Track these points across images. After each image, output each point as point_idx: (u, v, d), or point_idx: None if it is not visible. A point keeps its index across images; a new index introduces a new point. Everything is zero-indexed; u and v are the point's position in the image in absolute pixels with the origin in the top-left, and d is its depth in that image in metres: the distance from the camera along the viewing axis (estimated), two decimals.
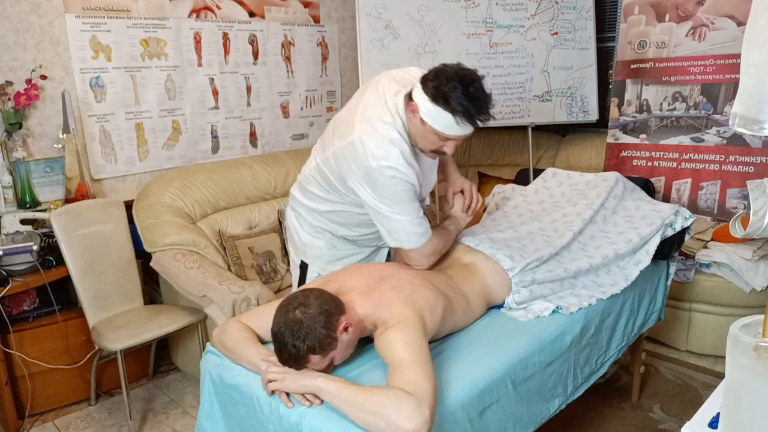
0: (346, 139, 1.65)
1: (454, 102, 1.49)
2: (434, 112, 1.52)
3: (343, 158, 1.66)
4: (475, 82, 1.52)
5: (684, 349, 2.98)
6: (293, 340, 1.30)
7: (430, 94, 1.52)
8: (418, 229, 1.67)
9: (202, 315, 2.53)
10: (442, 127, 1.54)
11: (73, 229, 2.47)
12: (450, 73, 1.52)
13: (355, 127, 1.64)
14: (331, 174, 1.74)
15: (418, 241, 1.68)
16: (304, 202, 1.91)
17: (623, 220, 2.12)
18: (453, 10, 3.55)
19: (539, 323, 1.72)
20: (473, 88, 1.51)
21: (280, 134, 3.72)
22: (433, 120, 1.54)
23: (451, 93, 1.49)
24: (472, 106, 1.51)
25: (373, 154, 1.58)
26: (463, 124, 1.53)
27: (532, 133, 3.87)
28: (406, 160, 1.60)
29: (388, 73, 1.75)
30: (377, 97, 1.67)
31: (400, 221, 1.65)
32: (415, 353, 1.31)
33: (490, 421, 1.47)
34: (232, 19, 3.36)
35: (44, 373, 2.54)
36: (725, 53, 3.23)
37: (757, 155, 3.15)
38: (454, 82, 1.49)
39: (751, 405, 0.94)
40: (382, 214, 1.66)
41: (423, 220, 1.69)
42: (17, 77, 2.62)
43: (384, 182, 1.60)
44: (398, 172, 1.59)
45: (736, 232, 1.52)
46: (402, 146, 1.60)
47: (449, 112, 1.51)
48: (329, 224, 1.89)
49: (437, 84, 1.51)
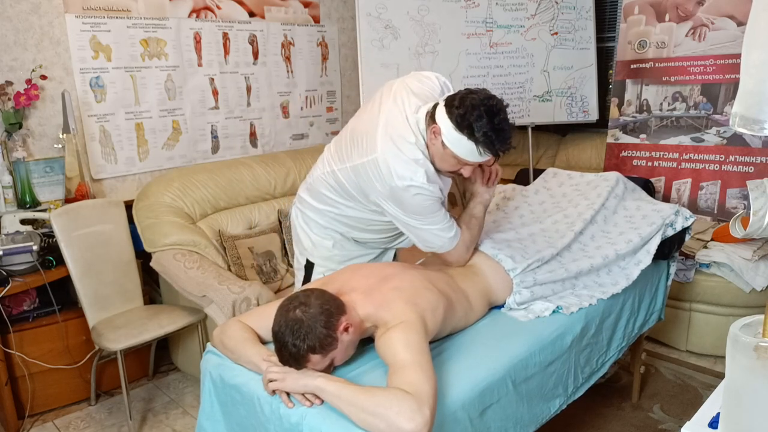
0: (368, 156, 1.65)
1: (478, 132, 1.50)
2: (457, 139, 1.53)
3: (366, 175, 1.66)
4: (500, 112, 1.53)
5: (684, 349, 2.98)
6: (293, 339, 1.30)
7: (455, 121, 1.52)
8: (448, 233, 1.70)
9: (202, 315, 2.53)
10: (463, 154, 1.56)
11: (73, 229, 2.47)
12: (476, 102, 1.52)
13: (378, 145, 1.63)
14: (350, 185, 1.74)
15: (450, 244, 1.72)
16: (313, 204, 1.90)
17: (624, 220, 2.12)
18: (453, 10, 3.55)
19: (540, 323, 1.72)
20: (498, 119, 1.51)
21: (280, 134, 3.72)
22: (455, 146, 1.55)
23: (476, 123, 1.50)
24: (495, 137, 1.52)
25: (398, 175, 1.59)
26: (486, 154, 1.55)
27: (532, 133, 3.87)
28: (429, 179, 1.61)
29: (404, 81, 1.74)
30: (399, 112, 1.66)
31: (431, 230, 1.69)
32: (416, 354, 1.31)
33: (491, 421, 1.47)
34: (232, 19, 3.36)
35: (44, 373, 2.54)
36: (725, 53, 3.23)
37: (757, 155, 3.15)
38: (480, 111, 1.50)
39: (751, 405, 0.94)
40: (411, 226, 1.70)
41: (452, 223, 1.72)
42: (17, 77, 2.62)
43: (409, 200, 1.62)
44: (423, 190, 1.61)
45: (736, 232, 1.52)
46: (426, 165, 1.61)
47: (473, 142, 1.52)
48: (341, 226, 1.88)
49: (463, 113, 1.51)
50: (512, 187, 2.46)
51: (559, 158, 4.15)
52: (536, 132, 4.00)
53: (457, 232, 1.73)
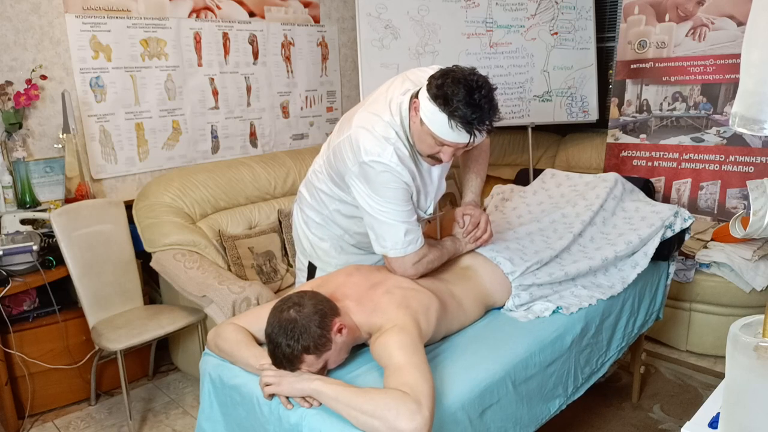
0: (344, 134, 1.64)
1: (453, 104, 1.43)
2: (432, 112, 1.46)
3: (341, 154, 1.64)
4: (482, 89, 1.44)
5: (684, 349, 2.98)
6: (287, 340, 1.30)
7: (432, 92, 1.46)
8: (406, 236, 1.59)
9: (202, 315, 2.53)
10: (437, 129, 1.48)
11: (73, 229, 2.47)
12: (458, 75, 1.45)
13: (353, 122, 1.62)
14: (332, 170, 1.72)
15: (403, 250, 1.59)
16: (309, 201, 1.89)
17: (623, 221, 2.12)
18: (453, 10, 3.55)
19: (539, 323, 1.72)
20: (478, 95, 1.43)
21: (280, 134, 3.72)
22: (430, 120, 1.48)
23: (452, 94, 1.43)
24: (471, 113, 1.43)
25: (366, 150, 1.55)
26: (458, 130, 1.45)
27: (532, 133, 3.87)
28: (400, 159, 1.55)
29: (407, 72, 1.71)
30: (384, 95, 1.65)
31: (389, 224, 1.59)
32: (412, 355, 1.31)
33: (491, 422, 1.47)
34: (232, 19, 3.36)
35: (44, 373, 2.54)
36: (725, 53, 3.23)
37: (757, 155, 3.14)
38: (459, 84, 1.43)
39: (751, 405, 0.94)
40: (371, 215, 1.61)
41: (414, 229, 1.61)
42: (17, 77, 2.62)
43: (374, 177, 1.56)
44: (389, 168, 1.55)
45: (736, 232, 1.52)
46: (397, 145, 1.56)
47: (446, 115, 1.44)
48: (336, 227, 1.86)
49: (441, 83, 1.45)
50: (510, 188, 2.46)
51: (559, 158, 4.15)
52: (536, 132, 3.99)
53: (416, 239, 1.61)
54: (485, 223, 1.80)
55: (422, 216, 1.74)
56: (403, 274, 1.62)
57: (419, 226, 1.65)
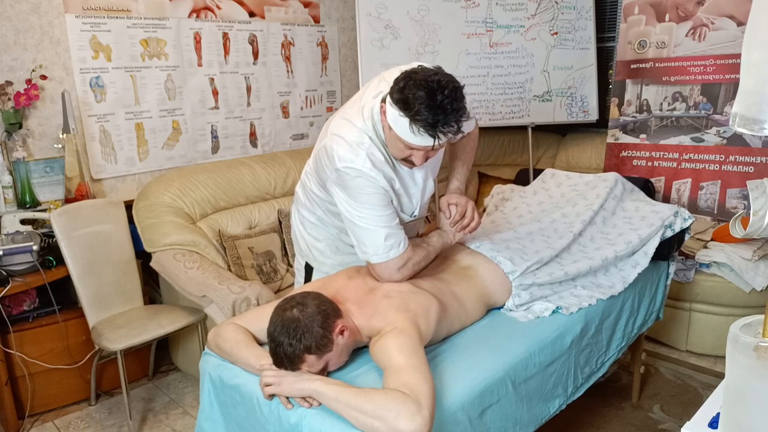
0: (321, 142, 1.64)
1: (414, 108, 1.37)
2: (395, 116, 1.42)
3: (321, 161, 1.64)
4: (444, 89, 1.37)
5: (684, 349, 2.98)
6: (289, 339, 1.30)
7: (395, 97, 1.41)
8: (386, 240, 1.55)
9: (202, 315, 2.53)
10: (401, 133, 1.43)
11: (73, 229, 2.47)
12: (420, 77, 1.39)
13: (329, 129, 1.62)
14: (317, 176, 1.73)
15: (386, 255, 1.55)
16: (304, 202, 1.89)
17: (623, 221, 2.12)
18: (453, 10, 3.56)
19: (539, 324, 1.72)
20: (441, 96, 1.37)
21: (280, 134, 3.72)
22: (395, 125, 1.43)
23: (414, 99, 1.37)
24: (431, 116, 1.37)
25: (339, 157, 1.54)
26: (421, 134, 1.40)
27: (532, 133, 3.87)
28: (374, 164, 1.52)
29: (386, 72, 1.66)
30: (359, 99, 1.64)
31: (368, 229, 1.56)
32: (412, 357, 1.31)
33: (490, 422, 1.47)
34: (232, 19, 3.36)
35: (44, 373, 2.54)
36: (725, 53, 3.23)
37: (757, 155, 3.14)
38: (420, 87, 1.37)
39: (751, 405, 0.94)
40: (351, 221, 1.58)
41: (395, 233, 1.57)
42: (17, 77, 2.62)
43: (350, 183, 1.54)
44: (362, 174, 1.52)
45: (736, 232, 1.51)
46: (371, 150, 1.53)
47: (408, 118, 1.39)
48: (330, 228, 1.86)
49: (402, 86, 1.40)
50: (510, 187, 2.46)
51: (559, 158, 4.15)
52: (536, 132, 3.99)
53: (398, 243, 1.57)
54: (472, 210, 1.74)
55: (405, 219, 1.71)
56: (389, 280, 1.58)
57: (402, 229, 1.62)
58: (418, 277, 1.66)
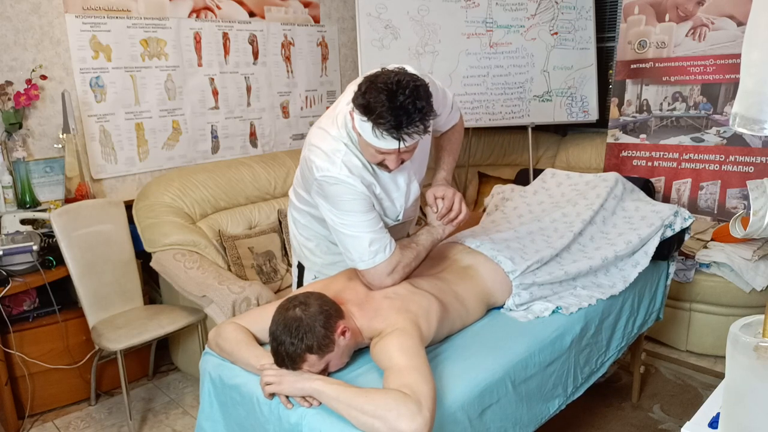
0: (303, 152, 1.64)
1: (376, 112, 1.35)
2: (360, 122, 1.40)
3: (303, 171, 1.65)
4: (406, 89, 1.34)
5: (684, 349, 2.98)
6: (291, 338, 1.30)
7: (357, 102, 1.39)
8: (371, 246, 1.52)
9: (202, 315, 2.53)
10: (367, 137, 1.41)
11: (73, 229, 2.47)
12: (380, 80, 1.37)
13: (307, 139, 1.62)
14: (303, 184, 1.74)
15: (372, 261, 1.53)
16: (296, 203, 1.90)
17: (623, 221, 2.12)
18: (453, 10, 3.56)
19: (539, 324, 1.72)
20: (403, 97, 1.33)
21: (280, 134, 3.72)
22: (361, 130, 1.42)
23: (375, 102, 1.34)
24: (393, 119, 1.34)
25: (317, 167, 1.53)
26: (384, 138, 1.38)
27: (532, 133, 3.87)
28: (350, 171, 1.51)
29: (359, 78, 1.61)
30: (334, 106, 1.64)
31: (352, 236, 1.54)
32: (413, 357, 1.31)
33: (490, 422, 1.47)
34: (232, 19, 3.36)
35: (44, 373, 2.54)
36: (725, 53, 3.22)
37: (757, 155, 3.14)
38: (380, 90, 1.34)
39: (751, 405, 0.94)
40: (335, 229, 1.57)
41: (380, 237, 1.55)
42: (17, 77, 2.62)
43: (329, 191, 1.53)
44: (340, 181, 1.51)
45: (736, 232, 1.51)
46: (347, 158, 1.52)
47: (370, 123, 1.37)
48: (320, 228, 1.85)
49: (364, 90, 1.38)
50: (510, 187, 2.46)
51: (559, 158, 4.15)
52: (536, 132, 4.00)
53: (384, 248, 1.54)
54: (459, 202, 1.69)
55: (390, 224, 1.70)
56: (381, 286, 1.55)
57: (387, 233, 1.59)
58: (418, 277, 1.66)
